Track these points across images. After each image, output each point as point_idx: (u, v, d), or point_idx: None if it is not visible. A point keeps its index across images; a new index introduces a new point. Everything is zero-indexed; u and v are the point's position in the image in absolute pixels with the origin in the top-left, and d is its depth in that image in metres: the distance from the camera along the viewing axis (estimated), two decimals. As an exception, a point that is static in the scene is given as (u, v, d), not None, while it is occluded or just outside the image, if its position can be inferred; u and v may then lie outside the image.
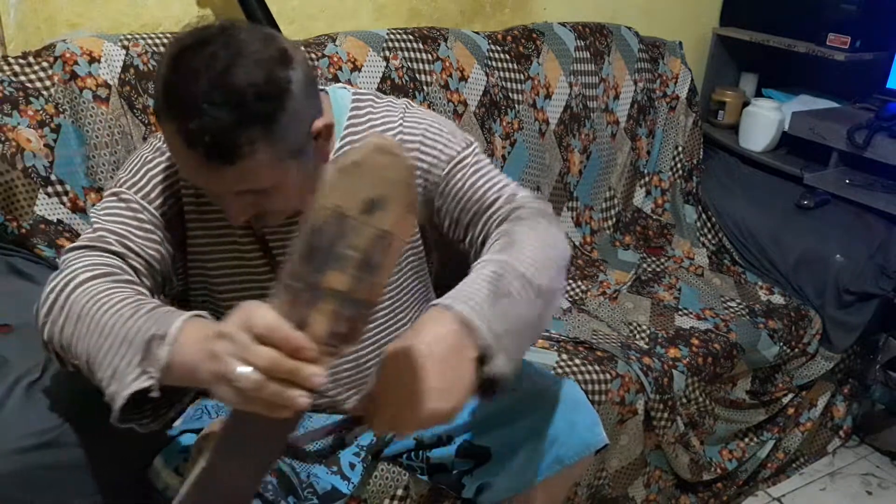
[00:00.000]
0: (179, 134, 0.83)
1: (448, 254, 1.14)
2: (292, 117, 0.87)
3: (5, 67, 1.29)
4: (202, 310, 1.06)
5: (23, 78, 1.29)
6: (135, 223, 0.96)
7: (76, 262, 0.90)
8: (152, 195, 0.99)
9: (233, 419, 0.70)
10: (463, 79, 1.75)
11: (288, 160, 0.90)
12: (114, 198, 0.98)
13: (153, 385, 0.76)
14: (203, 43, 0.83)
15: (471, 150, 1.06)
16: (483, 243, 0.99)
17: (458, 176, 1.03)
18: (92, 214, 0.99)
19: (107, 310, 0.82)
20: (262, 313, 0.64)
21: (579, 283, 1.86)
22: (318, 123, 0.93)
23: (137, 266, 0.94)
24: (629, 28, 2.10)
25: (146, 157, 1.01)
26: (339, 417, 1.12)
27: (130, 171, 1.00)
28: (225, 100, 0.81)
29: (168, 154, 1.00)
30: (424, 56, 1.70)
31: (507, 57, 1.84)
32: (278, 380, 0.64)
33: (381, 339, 1.12)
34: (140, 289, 0.89)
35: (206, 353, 0.70)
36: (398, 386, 0.75)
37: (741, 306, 1.83)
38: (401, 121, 1.05)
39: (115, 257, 0.93)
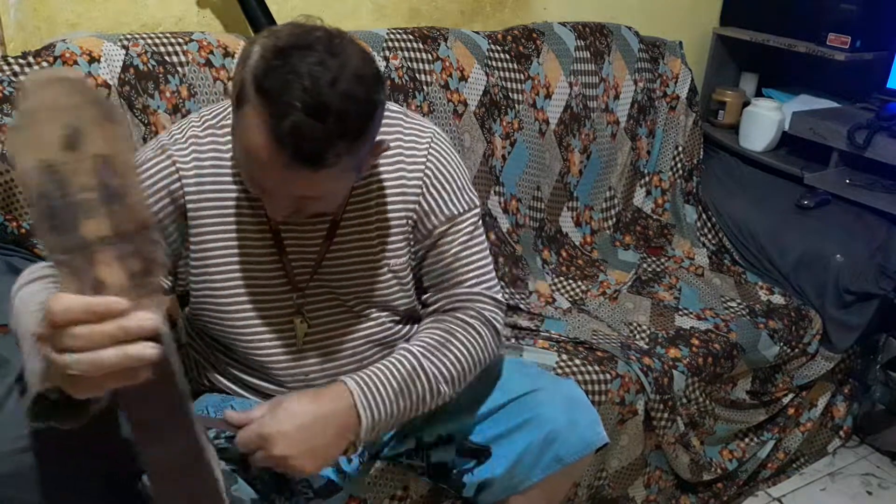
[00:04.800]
0: (269, 129, 0.82)
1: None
2: (371, 135, 0.89)
3: (5, 67, 1.29)
4: (203, 308, 1.06)
5: (22, 78, 1.29)
6: None
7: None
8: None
9: (125, 409, 0.68)
10: (463, 79, 1.75)
11: (352, 171, 0.91)
12: None
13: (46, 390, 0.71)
14: (310, 46, 0.83)
15: (469, 214, 1.08)
16: (431, 312, 1.09)
17: (448, 239, 1.06)
18: None
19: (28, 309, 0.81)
20: (53, 302, 0.61)
21: (579, 283, 1.86)
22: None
23: None
24: (629, 28, 2.10)
25: (145, 156, 1.00)
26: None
27: None
28: (326, 109, 0.81)
29: (169, 153, 0.99)
30: (424, 56, 1.70)
31: (507, 57, 1.84)
32: (114, 347, 0.61)
33: (364, 346, 1.11)
34: None
35: (41, 364, 0.67)
36: (280, 424, 0.90)
37: (741, 306, 1.83)
38: (427, 152, 1.06)
39: None
